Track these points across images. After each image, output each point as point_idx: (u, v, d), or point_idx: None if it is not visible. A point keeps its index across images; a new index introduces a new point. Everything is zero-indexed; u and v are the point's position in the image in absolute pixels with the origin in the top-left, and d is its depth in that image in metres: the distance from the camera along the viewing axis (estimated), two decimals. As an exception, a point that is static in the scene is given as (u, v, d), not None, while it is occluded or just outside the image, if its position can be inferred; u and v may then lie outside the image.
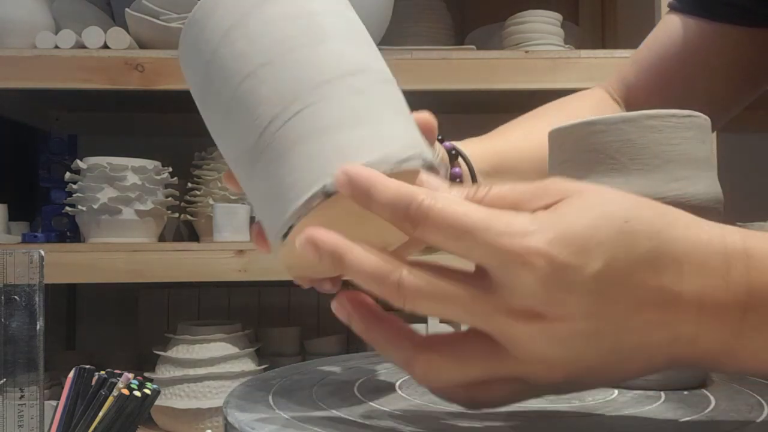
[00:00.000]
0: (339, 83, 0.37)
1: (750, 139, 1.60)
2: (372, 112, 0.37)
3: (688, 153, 0.44)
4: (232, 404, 0.43)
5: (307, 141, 0.36)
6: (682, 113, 0.44)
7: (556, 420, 0.38)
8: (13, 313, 0.69)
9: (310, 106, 0.36)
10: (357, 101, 0.37)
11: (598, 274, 0.29)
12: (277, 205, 0.37)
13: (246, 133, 0.38)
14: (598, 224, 0.30)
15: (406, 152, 0.36)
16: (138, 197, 1.13)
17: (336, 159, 0.35)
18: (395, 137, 0.37)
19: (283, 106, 0.36)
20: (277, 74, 0.37)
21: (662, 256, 0.30)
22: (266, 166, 0.37)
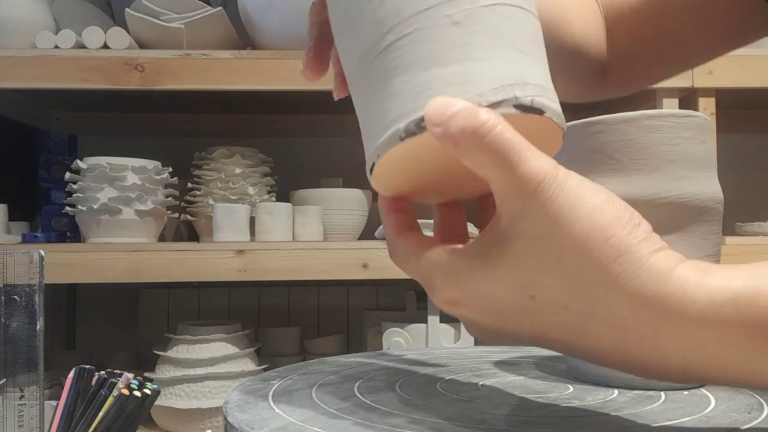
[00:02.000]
0: (436, 12, 0.34)
1: (750, 139, 1.60)
2: (466, 46, 0.33)
3: (688, 153, 0.44)
4: (232, 404, 0.43)
5: (396, 75, 0.34)
6: (683, 113, 0.44)
7: (556, 420, 0.38)
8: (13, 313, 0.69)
9: (403, 38, 0.34)
10: (451, 34, 0.33)
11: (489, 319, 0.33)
12: (367, 134, 0.36)
13: (351, 53, 0.37)
14: (502, 294, 0.31)
15: (495, 95, 0.33)
16: (138, 197, 1.13)
17: (420, 98, 0.33)
18: (487, 77, 0.33)
19: (380, 35, 0.35)
20: (375, 1, 0.35)
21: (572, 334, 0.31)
22: (363, 90, 0.36)
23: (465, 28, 0.33)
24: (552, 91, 0.35)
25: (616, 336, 0.30)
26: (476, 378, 0.50)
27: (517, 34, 0.34)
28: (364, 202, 1.26)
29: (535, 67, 0.34)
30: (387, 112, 0.34)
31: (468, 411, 0.40)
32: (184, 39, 1.16)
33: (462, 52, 0.33)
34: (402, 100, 0.34)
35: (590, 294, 0.29)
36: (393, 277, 1.12)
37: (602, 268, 0.29)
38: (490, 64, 0.33)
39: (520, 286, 0.31)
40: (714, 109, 1.17)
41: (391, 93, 0.34)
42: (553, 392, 0.46)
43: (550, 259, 0.30)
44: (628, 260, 0.29)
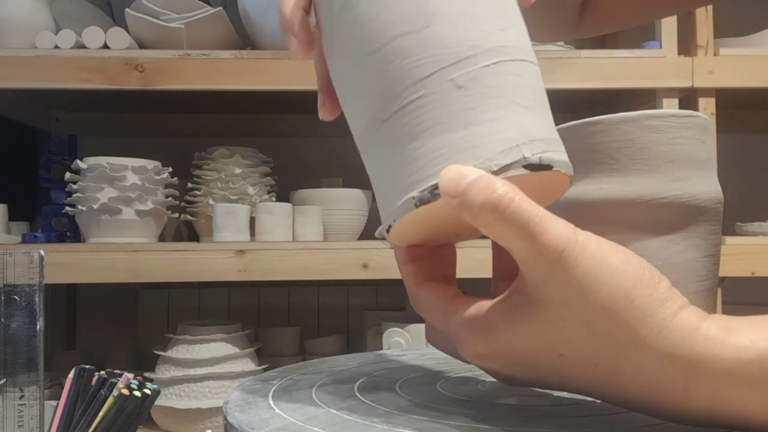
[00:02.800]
0: (440, 77, 0.34)
1: (750, 139, 1.60)
2: (474, 110, 0.34)
3: (688, 153, 0.44)
4: (232, 404, 0.43)
5: (406, 142, 0.35)
6: (683, 113, 0.44)
7: (557, 419, 0.38)
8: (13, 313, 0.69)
9: (409, 104, 0.35)
10: (457, 98, 0.34)
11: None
12: (380, 197, 0.37)
13: (358, 117, 0.37)
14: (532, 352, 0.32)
15: (505, 158, 0.33)
16: (138, 197, 1.13)
17: (429, 167, 0.34)
18: (495, 140, 0.34)
19: (386, 102, 0.35)
20: (381, 66, 0.35)
21: None
22: (372, 154, 0.37)
23: (469, 91, 0.34)
24: (557, 141, 0.36)
25: (646, 391, 0.31)
26: (476, 378, 0.50)
27: (519, 89, 0.35)
28: (364, 202, 1.26)
29: (539, 120, 0.35)
30: (400, 179, 0.35)
31: (468, 411, 0.40)
32: (184, 39, 1.16)
33: (469, 116, 0.34)
34: (414, 167, 0.34)
35: (619, 353, 0.30)
36: (393, 277, 1.12)
37: (629, 329, 0.30)
38: (497, 125, 0.34)
39: (550, 345, 0.31)
40: (714, 109, 1.17)
41: (402, 159, 0.35)
42: (553, 392, 0.46)
43: (578, 322, 0.31)
44: (653, 321, 0.30)
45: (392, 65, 0.35)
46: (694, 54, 1.19)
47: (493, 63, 0.35)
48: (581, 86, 1.17)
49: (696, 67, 1.17)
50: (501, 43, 0.35)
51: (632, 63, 1.17)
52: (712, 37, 1.19)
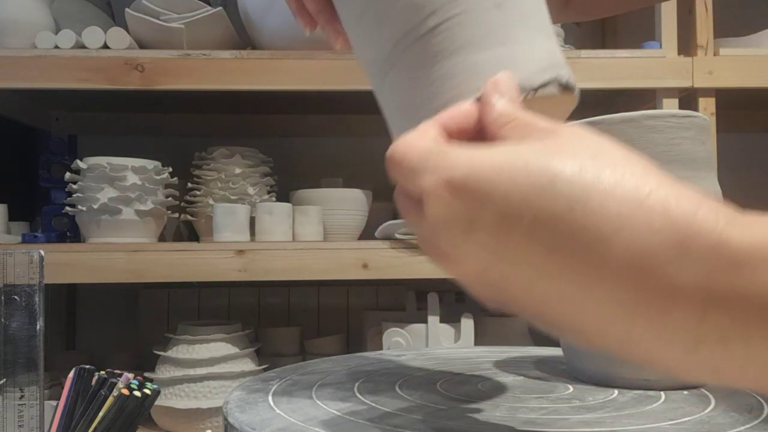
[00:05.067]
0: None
1: (750, 139, 1.60)
2: (509, 29, 0.35)
3: (688, 153, 0.44)
4: (232, 404, 0.43)
5: (444, 58, 0.35)
6: (682, 113, 0.45)
7: (556, 420, 0.38)
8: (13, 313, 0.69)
9: (446, 21, 0.35)
10: (494, 17, 0.35)
11: (492, 225, 0.28)
12: (407, 116, 0.37)
13: (379, 41, 0.37)
14: (505, 177, 0.28)
15: (542, 77, 0.35)
16: (138, 197, 1.13)
17: (474, 79, 0.34)
18: (532, 59, 0.35)
19: (420, 19, 0.35)
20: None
21: (584, 232, 0.27)
22: (399, 75, 0.37)
23: (506, 11, 0.35)
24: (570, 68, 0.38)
25: (629, 253, 0.27)
26: (476, 378, 0.50)
27: (544, 16, 0.38)
28: (364, 202, 1.26)
29: (558, 47, 0.38)
30: (436, 94, 0.35)
31: (468, 411, 0.40)
32: (184, 39, 1.16)
33: (507, 35, 0.35)
34: (455, 82, 0.35)
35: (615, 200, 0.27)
36: (393, 277, 1.12)
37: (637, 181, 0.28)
38: (532, 46, 0.36)
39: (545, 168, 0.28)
40: (714, 109, 1.17)
41: (439, 75, 0.35)
42: (553, 392, 0.46)
43: (587, 154, 0.29)
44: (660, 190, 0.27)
45: None
46: (694, 54, 1.19)
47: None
48: (581, 86, 1.16)
49: (696, 67, 1.17)
50: None
51: (632, 63, 1.17)
52: (712, 37, 1.19)
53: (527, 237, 0.28)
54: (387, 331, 1.12)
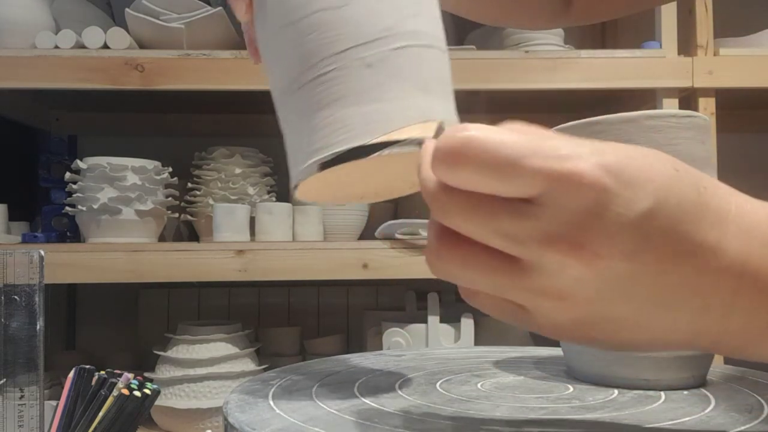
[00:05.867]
0: (352, 55, 0.37)
1: (750, 139, 1.60)
2: (380, 87, 0.37)
3: (688, 153, 0.44)
4: (232, 404, 0.43)
5: (317, 109, 0.38)
6: (682, 113, 0.45)
7: (556, 420, 0.38)
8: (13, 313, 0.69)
9: (322, 75, 0.38)
10: (366, 75, 0.37)
11: (646, 213, 0.27)
12: (290, 155, 0.40)
13: (276, 78, 0.41)
14: (651, 162, 0.28)
15: (401, 135, 0.36)
16: (138, 197, 1.13)
17: (334, 135, 0.37)
18: (395, 118, 0.37)
19: (302, 70, 0.38)
20: (300, 36, 0.38)
21: (708, 212, 0.28)
22: (286, 116, 0.40)
23: (377, 70, 0.37)
24: (455, 122, 0.38)
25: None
26: (476, 378, 0.50)
27: (424, 73, 0.38)
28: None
29: (440, 104, 0.39)
30: (308, 143, 0.38)
31: (468, 411, 0.40)
32: (184, 39, 1.16)
33: (375, 93, 0.37)
34: (322, 134, 0.38)
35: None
36: (393, 277, 1.12)
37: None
38: (400, 103, 0.37)
39: None
40: (714, 109, 1.17)
41: (312, 125, 0.38)
42: (553, 392, 0.46)
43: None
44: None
45: (311, 37, 0.38)
46: (694, 54, 1.19)
47: (402, 46, 0.38)
48: (581, 86, 1.17)
49: (696, 67, 1.17)
50: (412, 28, 0.38)
51: (632, 63, 1.17)
52: (712, 37, 1.19)
53: (664, 232, 0.28)
54: (387, 331, 1.12)
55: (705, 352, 0.32)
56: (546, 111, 1.44)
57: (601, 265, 0.27)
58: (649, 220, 0.27)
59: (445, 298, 1.26)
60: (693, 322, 0.30)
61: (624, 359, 0.46)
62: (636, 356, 0.45)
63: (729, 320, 0.30)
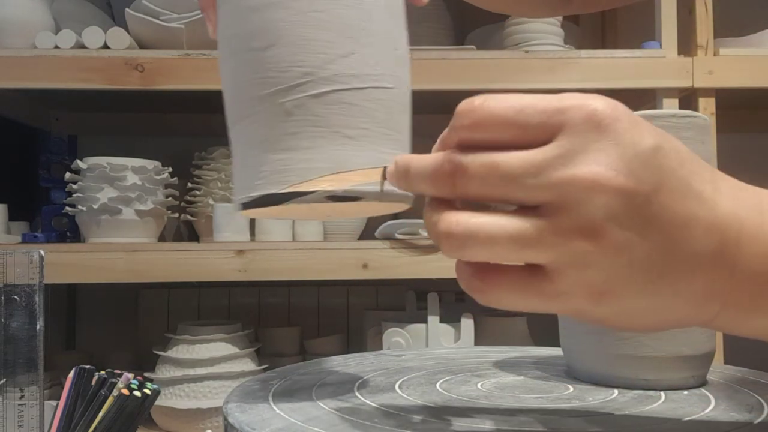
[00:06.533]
0: (272, 100, 0.37)
1: (750, 139, 1.60)
2: (294, 136, 0.37)
3: (688, 153, 0.44)
4: (232, 404, 0.43)
5: (245, 149, 0.39)
6: (682, 113, 0.45)
7: (556, 420, 0.38)
8: (13, 313, 0.69)
9: (247, 117, 0.38)
10: (283, 122, 0.37)
11: (654, 147, 0.29)
12: (234, 183, 0.41)
13: (225, 104, 0.41)
14: (659, 142, 0.29)
15: (308, 187, 0.37)
16: (138, 197, 1.13)
17: (254, 179, 0.38)
18: (307, 168, 0.37)
19: (235, 107, 0.39)
20: (235, 71, 0.39)
21: (703, 168, 0.31)
22: (231, 145, 0.41)
23: (294, 117, 0.37)
24: (383, 161, 0.37)
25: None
26: (476, 378, 0.50)
27: (346, 118, 0.37)
28: (364, 202, 1.26)
29: (362, 150, 0.37)
30: (239, 176, 0.40)
31: (468, 411, 0.40)
32: (184, 39, 1.16)
33: (290, 142, 0.37)
34: (246, 174, 0.39)
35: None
36: (393, 277, 1.12)
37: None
38: (310, 154, 0.37)
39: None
40: (714, 109, 1.17)
41: (240, 161, 0.39)
42: (553, 392, 0.46)
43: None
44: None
45: (241, 74, 0.38)
46: (694, 54, 1.19)
47: (324, 92, 0.37)
48: (581, 86, 1.17)
49: (696, 67, 1.17)
50: (339, 71, 0.37)
51: (632, 63, 1.17)
52: (712, 37, 1.19)
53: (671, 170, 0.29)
54: (387, 331, 1.12)
55: (710, 321, 0.32)
56: (546, 111, 1.43)
57: (627, 193, 0.28)
58: (658, 155, 0.29)
59: (445, 298, 1.26)
60: (705, 271, 0.30)
61: (624, 359, 0.46)
62: (636, 356, 0.45)
63: (733, 276, 0.30)
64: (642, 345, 0.45)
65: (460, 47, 1.25)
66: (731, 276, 0.30)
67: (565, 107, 0.29)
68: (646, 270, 0.29)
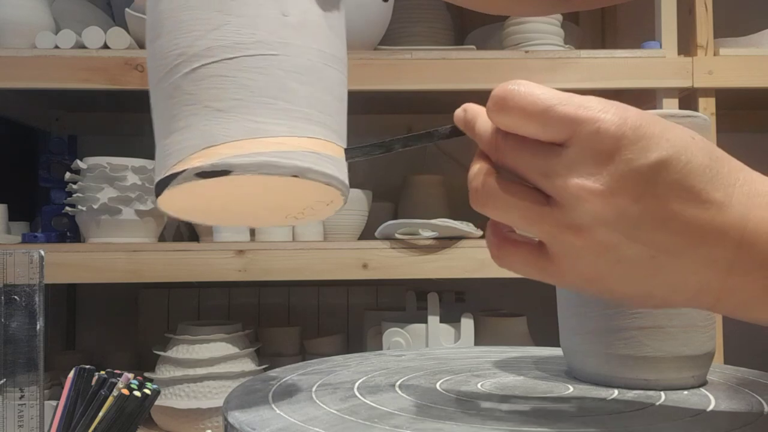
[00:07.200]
0: (161, 85, 0.37)
1: (750, 139, 1.60)
2: (173, 118, 0.37)
3: (688, 153, 0.44)
4: (232, 404, 0.43)
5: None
6: (682, 113, 0.45)
7: (557, 420, 0.38)
8: (13, 313, 0.69)
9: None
10: (167, 106, 0.37)
11: (656, 163, 0.31)
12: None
13: None
14: (670, 127, 0.32)
15: (183, 165, 0.36)
16: (138, 197, 1.13)
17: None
18: (179, 149, 0.36)
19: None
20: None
21: (716, 176, 0.32)
22: None
23: (174, 99, 0.37)
24: (263, 131, 0.36)
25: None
26: (476, 378, 0.50)
27: (217, 90, 0.36)
28: (364, 202, 1.26)
29: (233, 122, 0.36)
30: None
31: (468, 411, 0.40)
32: (184, 39, 1.16)
33: (171, 125, 0.37)
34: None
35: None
36: (393, 277, 1.12)
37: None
38: (184, 134, 0.36)
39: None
40: (714, 109, 1.17)
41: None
42: (553, 392, 0.46)
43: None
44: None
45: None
46: (694, 54, 1.19)
47: (192, 69, 0.36)
48: (581, 86, 1.17)
49: (696, 67, 1.17)
50: (208, 45, 0.36)
51: (632, 63, 1.17)
52: (712, 37, 1.19)
53: (671, 183, 0.32)
54: (387, 331, 1.12)
55: (706, 309, 0.35)
56: (546, 111, 1.43)
57: (612, 203, 0.32)
58: (658, 170, 0.31)
59: (445, 298, 1.26)
60: (697, 273, 0.32)
61: (624, 359, 0.46)
62: (636, 356, 0.46)
63: (730, 276, 0.32)
64: (642, 345, 0.45)
65: (460, 47, 1.25)
66: (728, 276, 0.32)
67: (580, 119, 0.32)
68: (637, 267, 0.33)
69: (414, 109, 1.44)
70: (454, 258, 1.10)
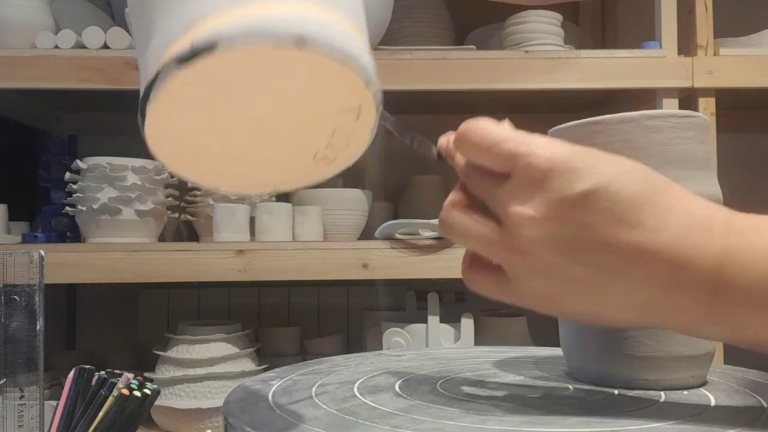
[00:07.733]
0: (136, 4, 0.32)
1: (750, 139, 1.60)
2: (157, 15, 0.32)
3: (688, 153, 0.44)
4: (232, 404, 0.43)
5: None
6: (682, 113, 0.45)
7: (557, 419, 0.38)
8: (13, 313, 0.69)
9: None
10: (146, 13, 0.32)
11: (583, 193, 0.34)
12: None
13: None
14: (605, 159, 0.35)
15: (162, 62, 0.30)
16: (138, 197, 1.13)
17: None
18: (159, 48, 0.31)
19: None
20: None
21: (649, 204, 0.35)
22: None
23: (149, 6, 0.32)
24: (253, 5, 0.30)
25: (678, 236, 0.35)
26: (476, 378, 0.50)
27: None
28: (364, 202, 1.26)
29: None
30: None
31: (468, 411, 0.40)
32: (184, 39, 1.16)
33: (149, 31, 0.33)
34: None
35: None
36: (393, 277, 1.12)
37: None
38: (163, 29, 0.31)
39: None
40: (714, 109, 1.17)
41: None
42: (553, 392, 0.46)
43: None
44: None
45: None
46: (694, 54, 1.19)
47: None
48: (581, 86, 1.17)
49: (696, 67, 1.17)
50: None
51: (632, 63, 1.17)
52: (712, 37, 1.19)
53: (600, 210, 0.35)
54: (387, 331, 1.12)
55: (656, 327, 0.37)
56: (546, 111, 1.44)
57: (546, 227, 0.35)
58: (586, 198, 0.34)
59: (445, 298, 1.26)
60: (639, 291, 0.35)
61: (624, 359, 0.46)
62: (636, 356, 0.46)
63: (670, 296, 0.35)
64: (642, 345, 0.45)
65: (460, 47, 1.25)
66: (668, 296, 0.35)
67: (518, 153, 0.36)
68: (583, 286, 0.36)
69: (414, 109, 1.44)
70: (454, 258, 1.10)
